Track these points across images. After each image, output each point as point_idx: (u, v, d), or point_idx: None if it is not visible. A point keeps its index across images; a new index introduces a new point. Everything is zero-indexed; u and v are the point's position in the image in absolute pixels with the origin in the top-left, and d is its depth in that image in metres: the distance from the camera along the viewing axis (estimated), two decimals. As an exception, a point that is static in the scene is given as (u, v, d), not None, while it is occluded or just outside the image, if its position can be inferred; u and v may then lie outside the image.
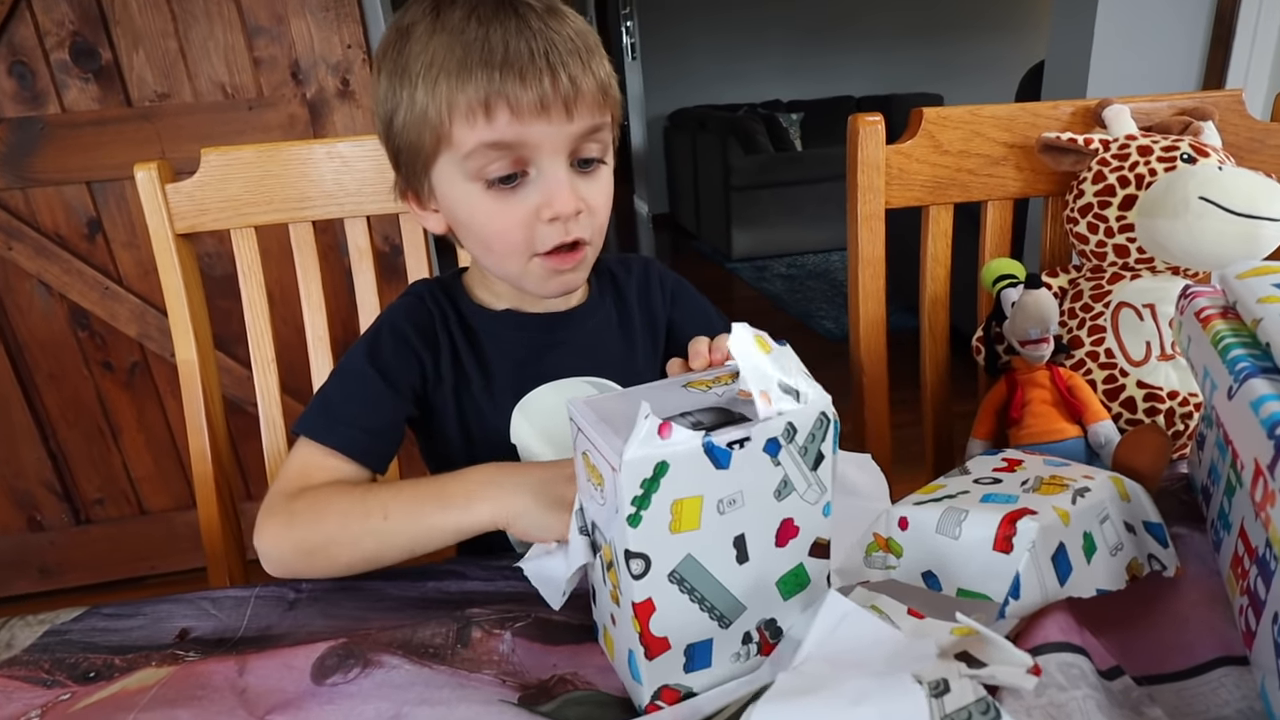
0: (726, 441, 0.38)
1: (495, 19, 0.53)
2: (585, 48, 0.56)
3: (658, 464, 0.37)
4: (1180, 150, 0.75)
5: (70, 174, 1.51)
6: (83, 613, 0.56)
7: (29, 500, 1.72)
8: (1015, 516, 0.46)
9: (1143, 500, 0.52)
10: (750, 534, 0.41)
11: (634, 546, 0.39)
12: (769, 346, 0.41)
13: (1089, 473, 0.53)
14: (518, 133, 0.54)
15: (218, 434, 0.83)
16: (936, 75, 5.30)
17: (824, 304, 3.48)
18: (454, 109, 0.54)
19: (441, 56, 0.53)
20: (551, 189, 0.56)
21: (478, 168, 0.56)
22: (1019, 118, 0.84)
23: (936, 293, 0.87)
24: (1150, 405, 0.74)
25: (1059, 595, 0.45)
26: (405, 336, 0.65)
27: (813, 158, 4.38)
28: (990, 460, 0.59)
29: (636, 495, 0.37)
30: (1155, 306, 0.75)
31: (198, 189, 0.79)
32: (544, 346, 0.68)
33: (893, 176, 0.83)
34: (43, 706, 0.47)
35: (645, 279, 0.75)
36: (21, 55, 1.43)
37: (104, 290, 1.59)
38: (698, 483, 0.39)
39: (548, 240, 0.58)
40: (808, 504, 0.42)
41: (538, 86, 0.52)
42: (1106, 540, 0.49)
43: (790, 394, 0.40)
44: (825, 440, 0.41)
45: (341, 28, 1.52)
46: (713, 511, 0.39)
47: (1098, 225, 0.78)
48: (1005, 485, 0.53)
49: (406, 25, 0.56)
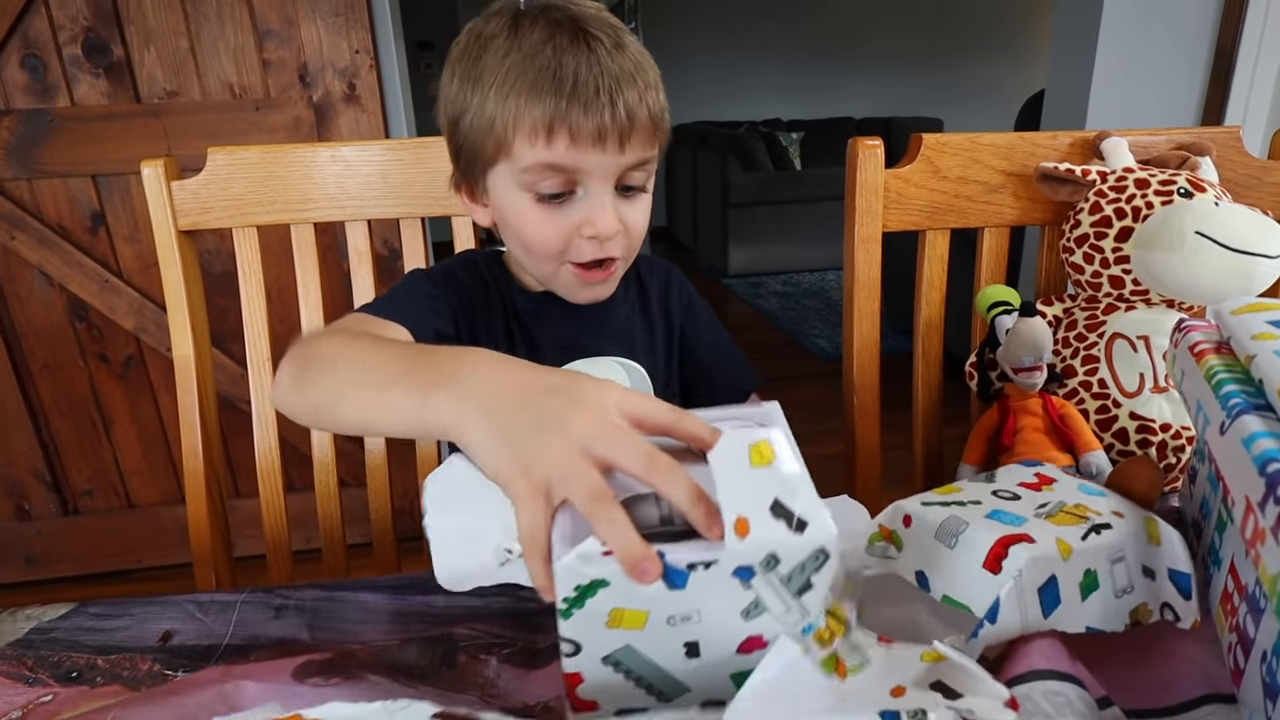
0: (686, 563, 0.34)
1: (569, 49, 0.56)
2: (645, 83, 0.59)
3: (593, 580, 0.34)
4: (1177, 185, 0.76)
5: (76, 167, 1.51)
6: (69, 610, 0.56)
7: (18, 489, 1.71)
8: (1011, 540, 0.46)
9: (1176, 548, 0.49)
10: (706, 642, 0.37)
11: (564, 633, 0.35)
12: (770, 456, 0.35)
13: (1120, 509, 0.51)
14: (574, 158, 0.58)
15: (210, 431, 0.83)
16: (937, 99, 5.35)
17: (818, 322, 3.49)
18: (519, 126, 0.57)
19: (515, 75, 0.56)
20: (595, 210, 0.60)
21: (531, 182, 0.59)
22: (1018, 146, 0.85)
23: (931, 317, 0.88)
24: (1143, 437, 0.74)
25: (1040, 626, 0.45)
26: (461, 279, 0.69)
27: (811, 177, 4.41)
28: (1022, 472, 0.58)
29: (568, 597, 0.34)
30: (1149, 338, 0.75)
31: (202, 187, 0.79)
32: (580, 331, 0.71)
33: (891, 200, 0.83)
34: (24, 707, 0.47)
35: (667, 284, 0.78)
36: (35, 48, 1.44)
37: (103, 283, 1.59)
38: (643, 599, 0.34)
39: (583, 254, 0.62)
40: (783, 625, 0.37)
41: (597, 118, 0.56)
42: (1115, 581, 0.47)
43: (784, 518, 0.34)
44: (819, 573, 0.36)
45: (350, 33, 1.53)
46: (660, 621, 0.35)
47: (1093, 256, 0.79)
48: (1021, 505, 0.51)
49: (486, 35, 0.59)
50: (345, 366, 0.48)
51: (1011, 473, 0.58)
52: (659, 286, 0.77)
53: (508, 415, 0.38)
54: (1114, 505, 0.52)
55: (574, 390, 0.39)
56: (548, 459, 0.36)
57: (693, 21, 5.05)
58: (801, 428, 0.81)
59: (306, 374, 0.50)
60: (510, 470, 0.37)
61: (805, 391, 2.70)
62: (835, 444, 0.89)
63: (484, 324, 0.69)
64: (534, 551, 0.36)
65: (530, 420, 0.38)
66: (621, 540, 0.33)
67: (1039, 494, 0.54)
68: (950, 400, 0.90)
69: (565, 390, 0.39)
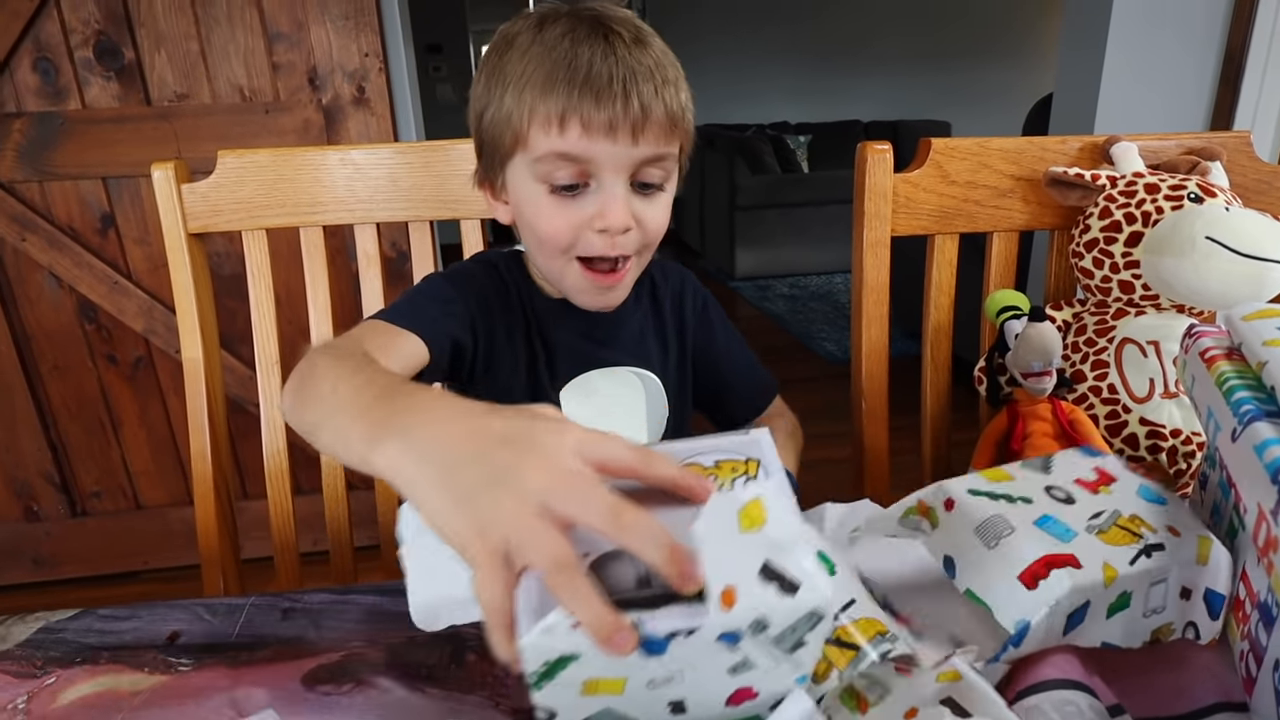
0: (666, 632, 0.31)
1: (586, 41, 0.57)
2: (664, 79, 0.59)
3: (562, 655, 0.31)
4: (1188, 189, 0.75)
5: (87, 169, 1.52)
6: (78, 612, 0.56)
7: (27, 490, 1.72)
8: (1055, 562, 0.43)
9: (1221, 569, 0.46)
10: (692, 700, 0.35)
11: (538, 702, 0.33)
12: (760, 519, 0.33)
13: (1177, 525, 0.47)
14: (585, 148, 0.58)
15: (219, 433, 0.83)
16: (945, 102, 5.34)
17: (825, 325, 3.48)
18: (534, 116, 0.58)
19: (533, 68, 0.58)
20: (607, 202, 0.60)
21: (545, 172, 0.60)
22: (1027, 151, 0.85)
23: (940, 321, 0.88)
24: (1153, 442, 0.73)
25: (1058, 643, 0.44)
26: (482, 283, 0.69)
27: (819, 180, 4.40)
28: (1082, 464, 0.53)
29: (537, 672, 0.32)
30: (1160, 344, 0.75)
31: (212, 190, 0.80)
32: (595, 340, 0.72)
33: (899, 205, 0.83)
34: (29, 693, 0.48)
35: (681, 290, 0.78)
36: (47, 51, 1.45)
37: (113, 284, 1.60)
38: (619, 667, 0.32)
39: (593, 247, 0.62)
40: (774, 677, 0.35)
41: (610, 108, 0.56)
42: (1148, 602, 0.45)
43: (774, 580, 0.32)
44: (813, 631, 0.33)
45: (360, 36, 1.54)
46: (639, 686, 0.33)
47: (1103, 260, 0.78)
48: (1075, 512, 0.47)
49: (512, 34, 0.61)
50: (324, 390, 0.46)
51: (1071, 463, 0.53)
52: (673, 293, 0.77)
53: (458, 469, 0.34)
54: (1171, 519, 0.48)
55: (528, 438, 0.35)
56: (503, 519, 0.32)
57: (701, 24, 5.06)
58: (809, 431, 0.81)
59: (299, 393, 0.48)
60: (464, 533, 0.33)
61: (812, 395, 2.68)
62: (843, 448, 0.89)
63: (503, 328, 0.69)
64: (496, 623, 0.32)
65: (482, 474, 0.34)
66: (589, 613, 0.30)
67: (1095, 497, 0.49)
68: (959, 405, 0.90)
69: (519, 439, 0.35)
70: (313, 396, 0.46)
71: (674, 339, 0.77)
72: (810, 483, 0.61)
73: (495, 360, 0.69)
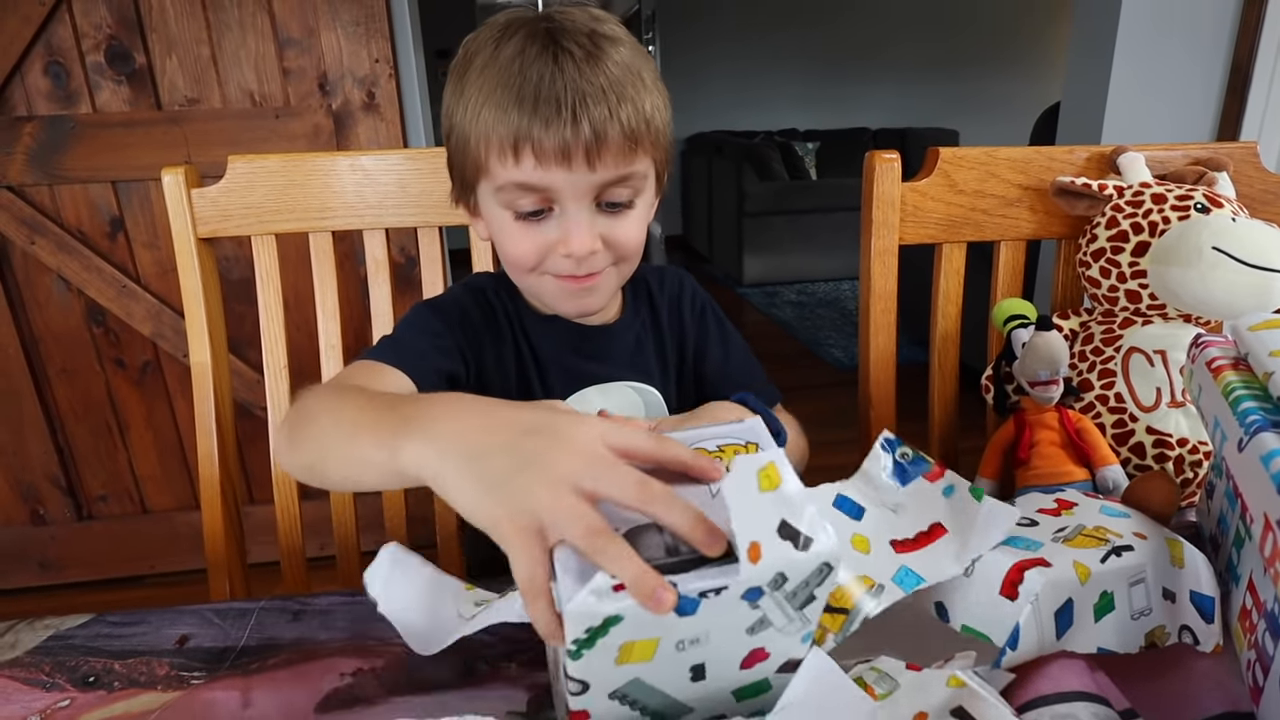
0: (698, 591, 0.33)
1: (536, 61, 0.55)
2: (620, 96, 0.56)
3: (607, 618, 0.33)
4: (1194, 200, 0.75)
5: (97, 173, 1.53)
6: (89, 619, 0.56)
7: (33, 493, 1.72)
8: (1027, 565, 0.45)
9: (1200, 570, 0.48)
10: (711, 662, 0.37)
11: (573, 674, 0.35)
12: (777, 479, 0.35)
13: (1142, 531, 0.50)
14: (541, 177, 0.56)
15: (226, 437, 0.83)
16: (953, 110, 5.34)
17: (833, 332, 3.48)
18: (489, 145, 0.56)
19: (487, 91, 0.55)
20: (569, 229, 0.59)
21: (508, 200, 0.59)
22: (1034, 160, 0.85)
23: (947, 330, 0.88)
24: (1159, 451, 0.73)
25: (1054, 648, 0.45)
26: (467, 310, 0.69)
27: (827, 187, 4.41)
28: (1042, 499, 0.57)
29: (579, 639, 0.33)
30: (1166, 353, 0.75)
31: (222, 195, 0.80)
32: (589, 355, 0.70)
33: (907, 213, 0.83)
34: (41, 712, 0.48)
35: (678, 294, 0.77)
36: (58, 55, 1.46)
37: (121, 288, 1.60)
38: (655, 627, 0.34)
39: (560, 268, 0.61)
40: (785, 636, 0.38)
41: (560, 135, 0.54)
42: (1132, 603, 0.47)
43: (791, 538, 0.35)
44: (821, 585, 0.36)
45: (370, 42, 1.54)
46: (669, 649, 0.36)
47: (1110, 270, 0.78)
48: (1039, 530, 0.51)
49: (473, 51, 0.58)
50: (326, 423, 0.47)
51: (1030, 500, 0.57)
52: (670, 298, 0.76)
53: (487, 459, 0.37)
54: (1136, 526, 0.51)
55: (554, 427, 0.37)
56: (535, 501, 0.35)
57: (710, 32, 5.07)
58: (815, 437, 0.81)
59: (295, 434, 0.50)
60: (495, 515, 0.35)
61: (819, 401, 2.68)
62: (850, 454, 0.88)
63: (492, 355, 0.69)
64: (535, 595, 0.34)
65: (511, 462, 0.36)
66: (632, 571, 0.32)
67: (1058, 519, 0.53)
68: (966, 413, 0.90)
69: (545, 428, 0.37)
70: (312, 434, 0.48)
71: (673, 347, 0.75)
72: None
73: (486, 384, 0.68)
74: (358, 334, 0.93)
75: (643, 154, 0.59)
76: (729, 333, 0.79)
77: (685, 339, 0.76)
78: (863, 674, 0.43)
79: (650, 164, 0.61)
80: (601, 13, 0.60)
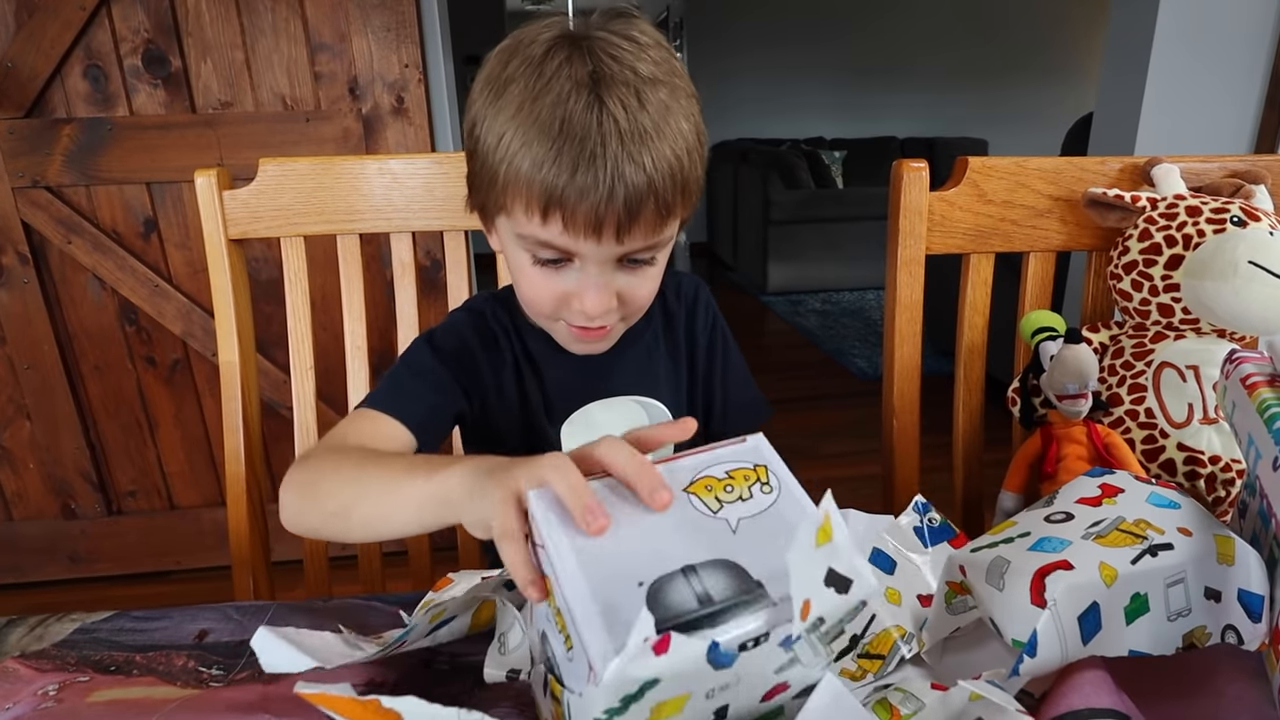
0: (738, 644, 0.33)
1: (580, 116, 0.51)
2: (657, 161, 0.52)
3: (644, 683, 0.32)
4: (1230, 213, 0.74)
5: (132, 174, 1.56)
6: (112, 615, 0.58)
7: (65, 488, 1.76)
8: (1047, 570, 0.44)
9: (1251, 568, 0.46)
10: (735, 703, 0.37)
11: None
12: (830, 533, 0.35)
13: (1189, 525, 0.48)
14: (566, 242, 0.54)
15: (252, 436, 0.84)
16: (982, 120, 5.29)
17: (857, 342, 3.46)
18: (517, 194, 0.54)
19: (524, 134, 0.52)
20: (586, 288, 0.57)
21: (529, 247, 0.57)
22: (1065, 171, 0.84)
23: (974, 341, 0.87)
24: (1191, 469, 0.72)
25: (1081, 654, 0.43)
26: (466, 340, 0.68)
27: (854, 196, 4.39)
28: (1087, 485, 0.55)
29: (612, 707, 0.33)
30: (1199, 368, 0.73)
31: (253, 197, 0.82)
32: (595, 366, 0.69)
33: (935, 223, 0.83)
34: (60, 683, 0.49)
35: (694, 304, 0.75)
36: (97, 59, 1.50)
37: (153, 288, 1.63)
38: (689, 683, 0.34)
39: (574, 319, 0.60)
40: (808, 668, 0.38)
41: (593, 209, 0.52)
42: (1169, 604, 0.45)
43: (835, 584, 0.35)
44: (853, 620, 0.37)
45: (401, 48, 1.56)
46: (699, 699, 0.35)
47: (1142, 283, 0.77)
48: (1070, 527, 0.49)
49: (513, 73, 0.54)
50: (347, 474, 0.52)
51: (1077, 486, 0.55)
52: (686, 307, 0.75)
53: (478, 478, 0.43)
54: (1183, 520, 0.48)
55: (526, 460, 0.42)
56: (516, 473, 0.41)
57: (738, 39, 5.07)
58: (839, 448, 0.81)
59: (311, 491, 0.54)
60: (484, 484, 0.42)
61: (842, 411, 2.67)
62: (871, 464, 0.88)
63: (495, 383, 0.68)
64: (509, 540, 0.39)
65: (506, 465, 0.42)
66: (568, 481, 0.38)
67: (1097, 510, 0.51)
68: (991, 425, 0.89)
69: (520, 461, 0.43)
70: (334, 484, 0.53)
71: (684, 356, 0.74)
72: (840, 499, 0.60)
73: (489, 412, 0.69)
74: (382, 335, 0.94)
75: (673, 220, 0.57)
76: (731, 347, 0.77)
77: (696, 348, 0.75)
78: (888, 695, 0.42)
79: (680, 221, 0.59)
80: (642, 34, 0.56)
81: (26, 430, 1.71)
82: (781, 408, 2.77)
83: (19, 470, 1.74)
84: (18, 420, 1.70)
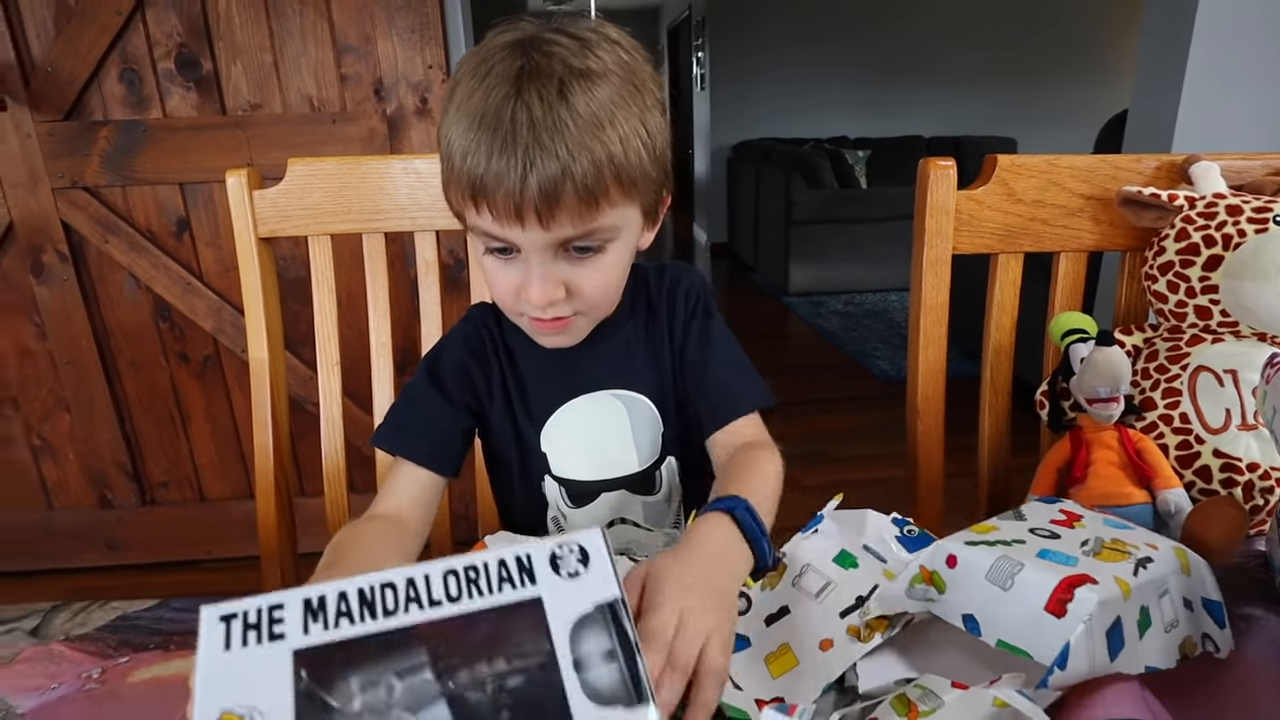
0: None
1: (499, 109, 0.53)
2: (577, 150, 0.53)
3: None
4: (1273, 212, 0.72)
5: (165, 175, 1.60)
6: (155, 604, 0.60)
7: (102, 479, 1.80)
8: (1075, 582, 0.44)
9: (1204, 575, 0.49)
10: None
11: None
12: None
13: (1153, 541, 0.50)
14: (498, 230, 0.56)
15: (281, 431, 0.86)
16: (1010, 119, 5.22)
17: (879, 344, 3.42)
18: (457, 187, 0.57)
19: (456, 135, 0.55)
20: (529, 278, 0.58)
21: (479, 238, 0.59)
22: (1099, 169, 0.82)
23: (1001, 342, 0.85)
24: (1227, 476, 0.70)
25: (1107, 670, 0.43)
26: (459, 358, 0.71)
27: (877, 196, 4.35)
28: (1047, 510, 0.57)
29: None
30: (1238, 373, 0.71)
31: (282, 196, 0.83)
32: (574, 359, 0.70)
33: (962, 222, 0.81)
34: (103, 667, 0.51)
35: (675, 288, 0.73)
36: (132, 63, 1.53)
37: (186, 285, 1.67)
38: None
39: (529, 311, 0.61)
40: None
41: (510, 195, 0.53)
42: (1163, 616, 0.46)
43: None
44: None
45: (425, 49, 1.58)
46: None
47: (1178, 284, 0.75)
48: (1064, 543, 0.50)
49: (459, 74, 0.57)
50: None
51: (1038, 510, 0.56)
52: (667, 293, 0.73)
53: None
54: (1145, 537, 0.51)
55: None
56: None
57: (761, 38, 5.05)
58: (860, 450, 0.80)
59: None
60: None
61: (863, 414, 2.65)
62: (895, 468, 0.87)
63: (488, 394, 0.71)
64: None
65: None
66: None
67: (1074, 530, 0.52)
68: (1018, 429, 0.87)
69: None
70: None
71: (666, 344, 0.73)
72: (861, 503, 0.60)
73: (490, 418, 0.72)
74: (405, 332, 0.95)
75: (608, 207, 0.56)
76: (714, 333, 0.72)
77: (676, 337, 0.73)
78: (907, 691, 0.42)
79: (625, 210, 0.58)
80: (595, 34, 0.57)
81: (66, 423, 1.75)
82: (802, 410, 2.75)
83: (60, 461, 1.79)
84: (58, 413, 1.75)
